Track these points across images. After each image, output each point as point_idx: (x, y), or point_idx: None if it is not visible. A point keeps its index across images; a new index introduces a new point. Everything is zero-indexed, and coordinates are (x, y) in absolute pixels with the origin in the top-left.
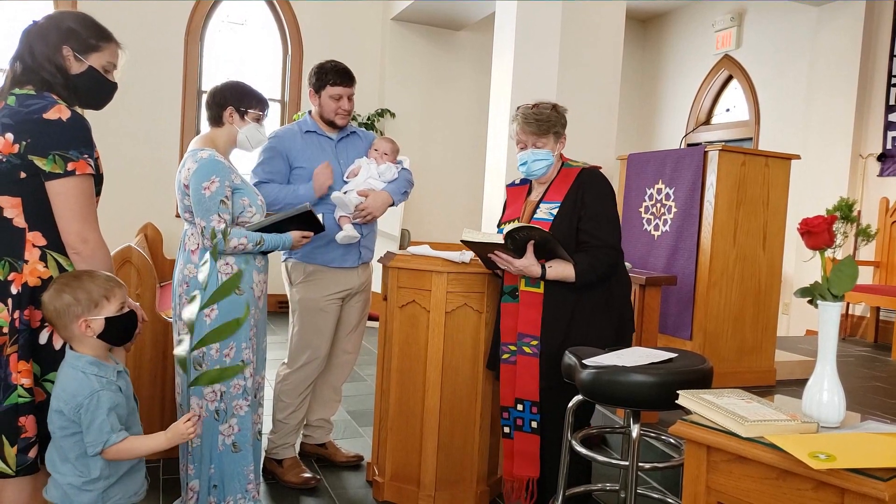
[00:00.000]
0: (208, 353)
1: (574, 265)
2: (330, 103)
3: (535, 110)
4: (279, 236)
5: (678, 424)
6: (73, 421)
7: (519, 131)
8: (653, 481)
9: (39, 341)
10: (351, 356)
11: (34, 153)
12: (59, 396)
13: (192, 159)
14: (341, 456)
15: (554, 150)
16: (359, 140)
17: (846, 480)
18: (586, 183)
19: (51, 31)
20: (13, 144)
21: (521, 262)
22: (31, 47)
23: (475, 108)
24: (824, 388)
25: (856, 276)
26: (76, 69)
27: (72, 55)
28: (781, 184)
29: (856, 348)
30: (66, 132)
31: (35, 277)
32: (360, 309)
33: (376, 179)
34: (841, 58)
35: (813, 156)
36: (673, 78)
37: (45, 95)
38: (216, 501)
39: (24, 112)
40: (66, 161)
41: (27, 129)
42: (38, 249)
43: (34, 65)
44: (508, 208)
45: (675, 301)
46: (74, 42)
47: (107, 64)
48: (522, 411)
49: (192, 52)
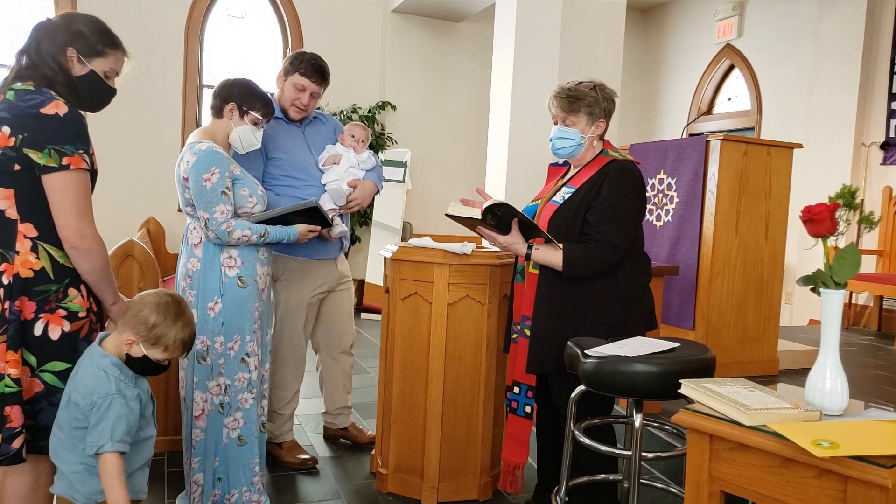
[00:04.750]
0: (213, 346)
1: (563, 254)
2: (291, 91)
3: (573, 87)
4: (285, 229)
5: (681, 413)
6: (84, 415)
7: (553, 107)
8: (656, 471)
9: (34, 332)
10: (347, 357)
11: (30, 147)
12: (77, 389)
13: (191, 151)
14: (364, 437)
15: (585, 131)
16: (322, 125)
17: (849, 468)
18: (610, 175)
19: (60, 31)
20: (9, 137)
21: (506, 238)
22: (39, 43)
23: (476, 100)
24: (827, 377)
25: (858, 264)
26: (78, 71)
27: (76, 57)
28: (784, 173)
29: (859, 337)
30: (63, 127)
31: (27, 269)
32: (346, 302)
33: (357, 168)
34: (843, 46)
35: (815, 145)
36: (674, 68)
37: (44, 91)
38: (221, 494)
39: (22, 106)
40: (62, 155)
41: (24, 124)
42: (30, 241)
43: (38, 61)
44: (544, 187)
45: (678, 291)
46: (81, 44)
47: (109, 70)
48: (518, 394)
49: (192, 46)
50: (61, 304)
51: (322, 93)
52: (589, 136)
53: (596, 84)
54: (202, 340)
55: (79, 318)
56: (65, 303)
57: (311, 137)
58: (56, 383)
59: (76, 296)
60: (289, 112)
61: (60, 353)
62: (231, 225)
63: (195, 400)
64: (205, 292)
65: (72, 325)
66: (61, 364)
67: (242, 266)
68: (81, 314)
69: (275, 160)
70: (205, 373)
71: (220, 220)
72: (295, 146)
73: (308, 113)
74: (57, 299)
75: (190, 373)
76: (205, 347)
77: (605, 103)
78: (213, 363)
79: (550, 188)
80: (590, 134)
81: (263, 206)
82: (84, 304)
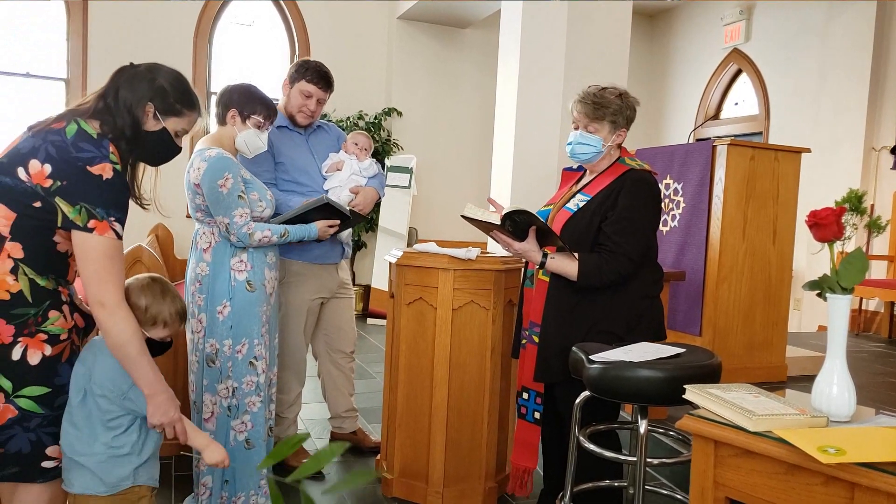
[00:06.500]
0: (221, 349)
1: (579, 264)
2: (298, 98)
3: (598, 92)
4: (304, 227)
5: (685, 419)
6: (119, 406)
7: (575, 111)
8: (662, 478)
9: (12, 357)
10: (348, 360)
11: (64, 197)
12: (101, 384)
13: (201, 158)
14: (369, 442)
15: (607, 139)
16: (325, 134)
17: (856, 475)
18: (627, 185)
19: (142, 82)
20: (46, 178)
21: (521, 245)
22: (118, 90)
23: (482, 106)
24: (834, 382)
25: (865, 269)
26: (151, 126)
27: (152, 112)
28: (791, 178)
29: (870, 344)
30: (103, 190)
31: (3, 290)
32: (346, 308)
33: (359, 175)
34: (852, 49)
35: (825, 150)
36: (681, 73)
37: (103, 145)
38: (228, 497)
39: (72, 154)
40: (90, 217)
41: (67, 172)
42: (12, 261)
43: (114, 107)
44: (557, 192)
45: (685, 297)
46: (160, 101)
47: (180, 130)
48: (527, 400)
49: (200, 53)
50: (41, 328)
51: (327, 99)
52: (609, 144)
53: (621, 92)
54: (211, 344)
55: (60, 340)
56: (45, 326)
57: (314, 145)
58: (34, 409)
59: (58, 318)
60: (296, 118)
61: (39, 378)
62: (251, 227)
63: (205, 403)
64: (214, 296)
65: (53, 348)
66: (40, 389)
67: (251, 270)
68: (63, 336)
69: (278, 166)
70: (214, 376)
71: (240, 224)
72: (299, 153)
73: (315, 119)
74: (36, 323)
75: (199, 376)
76: (214, 351)
77: (629, 112)
78: (222, 366)
79: (564, 193)
80: (610, 142)
81: (272, 211)
82: (66, 325)
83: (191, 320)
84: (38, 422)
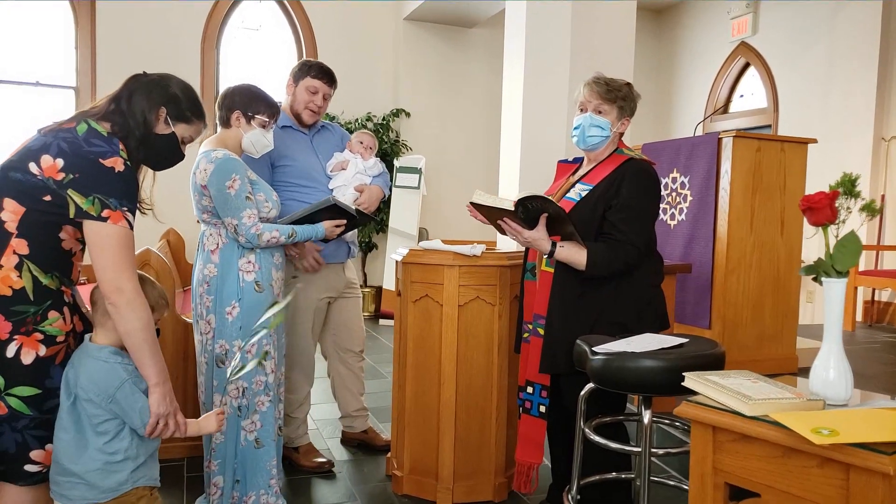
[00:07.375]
0: (231, 349)
1: (588, 253)
2: (304, 95)
3: (609, 78)
4: (311, 227)
5: (683, 405)
6: (106, 409)
7: (586, 92)
8: (669, 469)
9: (6, 354)
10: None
11: (76, 189)
12: (87, 388)
13: (207, 160)
14: (380, 440)
15: (614, 125)
16: (329, 133)
17: (850, 455)
18: (628, 173)
19: (158, 89)
20: (59, 172)
21: (531, 233)
22: (132, 95)
23: (489, 105)
24: (830, 366)
25: (859, 252)
26: (161, 130)
27: (164, 117)
28: (798, 169)
29: (882, 334)
30: (116, 181)
31: (6, 286)
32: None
33: (363, 174)
34: (860, 40)
35: (834, 141)
36: (689, 67)
37: (114, 143)
38: (239, 496)
39: (84, 149)
40: (104, 207)
41: (80, 166)
42: (17, 257)
43: (126, 111)
44: (553, 184)
45: (693, 290)
46: (173, 107)
47: (187, 136)
48: (532, 394)
49: (208, 58)
50: (39, 327)
51: (332, 94)
52: (615, 131)
53: (629, 83)
54: (220, 344)
55: (56, 342)
56: (43, 325)
57: (318, 145)
58: (22, 409)
59: (57, 318)
60: (302, 116)
61: (30, 378)
62: (259, 228)
63: (215, 403)
64: (223, 297)
65: (48, 349)
66: (30, 389)
67: (259, 271)
68: (60, 338)
69: (283, 167)
70: (223, 376)
71: (248, 225)
72: (303, 153)
73: (321, 115)
74: (35, 322)
75: (209, 377)
76: (223, 351)
77: (632, 103)
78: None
79: (561, 184)
80: (616, 129)
81: (278, 211)
82: (65, 328)
83: (199, 322)
84: (26, 423)
